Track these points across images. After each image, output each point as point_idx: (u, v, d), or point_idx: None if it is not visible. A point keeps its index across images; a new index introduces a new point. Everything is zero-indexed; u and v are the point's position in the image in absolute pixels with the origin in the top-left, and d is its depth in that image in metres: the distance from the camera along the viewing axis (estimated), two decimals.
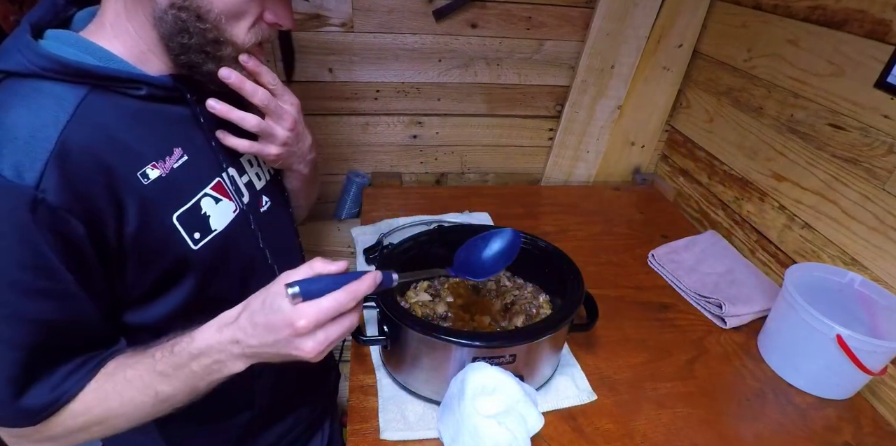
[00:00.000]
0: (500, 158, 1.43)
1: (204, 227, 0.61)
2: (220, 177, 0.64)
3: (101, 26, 0.57)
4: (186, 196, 0.60)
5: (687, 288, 1.01)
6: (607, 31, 1.22)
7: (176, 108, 0.60)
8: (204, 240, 0.61)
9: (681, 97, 1.37)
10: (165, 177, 0.57)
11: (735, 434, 0.75)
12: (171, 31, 0.54)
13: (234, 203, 0.66)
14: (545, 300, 0.86)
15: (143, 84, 0.56)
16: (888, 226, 0.84)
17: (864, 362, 0.75)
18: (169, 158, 0.58)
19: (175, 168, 0.58)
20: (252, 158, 0.72)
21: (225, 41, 0.56)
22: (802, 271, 0.87)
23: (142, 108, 0.57)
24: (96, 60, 0.54)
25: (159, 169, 0.57)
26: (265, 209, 0.71)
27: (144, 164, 0.55)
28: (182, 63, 0.57)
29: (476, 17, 1.20)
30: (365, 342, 0.74)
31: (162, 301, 0.61)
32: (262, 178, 0.73)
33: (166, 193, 0.57)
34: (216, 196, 0.63)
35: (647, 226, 1.25)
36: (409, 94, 1.28)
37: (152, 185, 0.56)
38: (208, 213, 0.62)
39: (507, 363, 0.69)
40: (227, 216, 0.64)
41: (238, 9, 0.55)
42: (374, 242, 1.04)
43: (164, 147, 0.58)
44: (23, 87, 0.51)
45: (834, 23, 0.92)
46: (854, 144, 0.89)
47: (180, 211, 0.59)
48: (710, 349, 0.90)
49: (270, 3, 0.58)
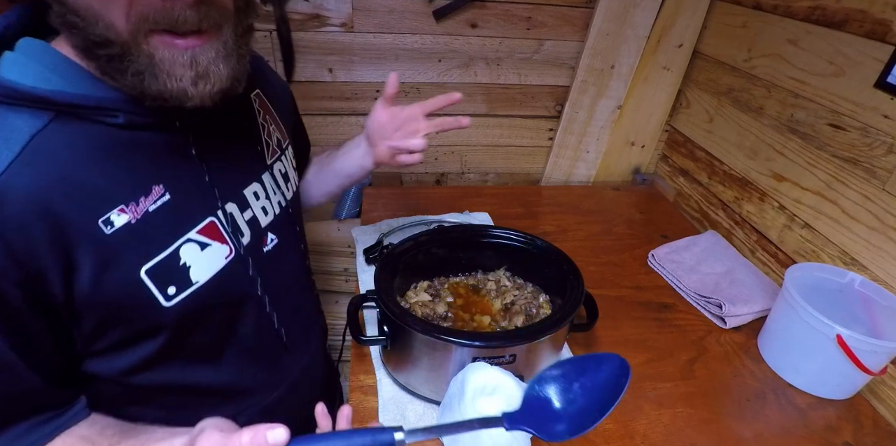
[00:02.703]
0: (500, 158, 1.43)
1: (181, 280, 0.52)
2: (213, 217, 0.55)
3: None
4: (161, 245, 0.51)
5: (687, 288, 1.01)
6: (607, 31, 1.22)
7: (161, 137, 0.51)
8: (180, 295, 0.52)
9: (681, 97, 1.37)
10: (135, 223, 0.48)
11: (735, 434, 0.75)
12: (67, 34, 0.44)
13: (227, 246, 0.56)
14: (545, 300, 0.86)
15: (117, 111, 0.46)
16: (888, 226, 0.84)
17: (864, 362, 0.75)
18: (144, 199, 0.49)
19: (150, 211, 0.49)
20: (259, 190, 0.62)
21: (104, 39, 0.42)
22: (802, 271, 0.87)
23: (117, 137, 0.48)
24: (63, 82, 0.45)
25: (128, 213, 0.48)
26: (269, 248, 0.62)
27: (110, 209, 0.47)
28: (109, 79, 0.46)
29: (476, 17, 1.20)
30: (365, 342, 0.74)
31: (128, 353, 0.53)
32: (269, 213, 0.63)
33: (134, 243, 0.48)
34: (203, 241, 0.54)
35: (647, 226, 1.25)
36: (409, 94, 1.28)
37: (117, 234, 0.47)
38: (188, 264, 0.52)
39: (507, 363, 0.69)
40: (215, 263, 0.55)
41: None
42: (374, 242, 1.04)
43: (141, 184, 0.49)
44: None
45: (834, 23, 0.92)
46: (854, 144, 0.89)
47: (151, 264, 0.50)
48: (710, 349, 0.90)
49: None
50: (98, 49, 0.43)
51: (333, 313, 1.57)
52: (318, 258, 1.48)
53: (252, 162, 0.63)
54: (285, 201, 0.67)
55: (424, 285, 0.88)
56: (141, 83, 0.44)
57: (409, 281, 0.87)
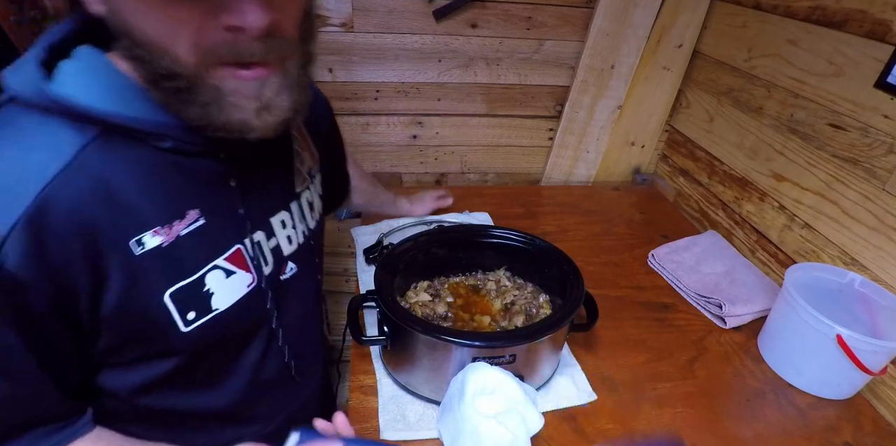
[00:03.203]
0: (500, 158, 1.43)
1: (202, 306, 0.52)
2: (240, 244, 0.55)
3: None
4: (189, 270, 0.51)
5: (687, 288, 1.01)
6: (607, 31, 1.22)
7: (203, 163, 0.51)
8: (199, 321, 0.52)
9: (681, 97, 1.37)
10: (166, 246, 0.48)
11: (735, 434, 0.75)
12: (134, 65, 0.44)
13: (251, 274, 0.56)
14: (545, 300, 0.86)
15: (167, 137, 0.47)
16: (888, 226, 0.84)
17: (864, 362, 0.75)
18: (178, 222, 0.49)
19: (182, 235, 0.50)
20: (287, 219, 0.62)
21: (171, 72, 0.42)
22: (802, 271, 0.87)
23: (160, 160, 0.48)
24: (118, 99, 0.45)
25: (161, 235, 0.48)
26: (287, 276, 0.63)
27: (144, 230, 0.47)
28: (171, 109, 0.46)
29: (476, 17, 1.20)
30: (365, 342, 0.74)
31: (139, 371, 0.54)
32: (293, 242, 0.63)
33: (162, 266, 0.49)
34: (229, 268, 0.54)
35: (647, 226, 1.25)
36: (409, 94, 1.28)
37: (147, 255, 0.47)
38: (212, 290, 0.53)
39: (507, 363, 0.69)
40: (237, 292, 0.55)
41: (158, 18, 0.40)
42: (374, 242, 1.04)
43: (177, 208, 0.49)
44: (21, 118, 0.43)
45: (834, 23, 0.92)
46: (854, 144, 0.89)
47: (176, 287, 0.50)
48: (710, 349, 0.90)
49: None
50: (164, 81, 0.43)
51: (333, 313, 1.58)
52: None
53: (282, 191, 0.63)
54: (309, 231, 0.67)
55: (424, 285, 0.88)
56: (207, 114, 0.44)
57: (409, 281, 0.87)
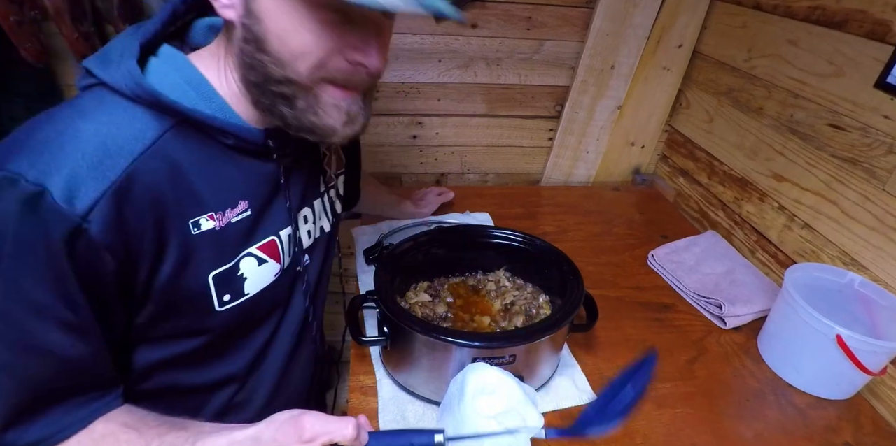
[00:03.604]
0: (500, 158, 1.43)
1: (237, 290, 0.58)
2: (275, 236, 0.61)
3: (212, 57, 0.54)
4: (230, 255, 0.56)
5: (687, 288, 1.01)
6: (607, 31, 1.22)
7: (258, 162, 0.57)
8: (232, 303, 0.58)
9: (681, 97, 1.37)
10: (218, 231, 0.54)
11: (735, 434, 0.75)
12: (245, 68, 0.51)
13: (279, 264, 0.62)
14: (545, 300, 0.86)
15: (231, 135, 0.53)
16: (888, 227, 0.84)
17: (864, 362, 0.75)
18: (230, 211, 0.55)
19: (232, 222, 0.55)
20: (310, 214, 0.68)
21: (286, 79, 0.49)
22: (802, 271, 0.87)
23: (222, 153, 0.54)
24: (198, 97, 0.52)
25: (215, 221, 0.54)
26: (301, 268, 0.68)
27: (202, 213, 0.53)
28: (261, 106, 0.53)
29: (476, 17, 1.20)
30: (365, 342, 0.74)
31: (167, 347, 0.58)
32: (311, 236, 0.69)
33: (212, 249, 0.54)
34: (261, 256, 0.60)
35: (647, 227, 1.25)
36: (409, 94, 1.28)
37: (201, 237, 0.53)
38: (245, 276, 0.58)
39: (507, 363, 0.69)
40: (265, 279, 0.61)
41: (300, 41, 0.48)
42: (374, 243, 1.04)
43: (231, 197, 0.55)
44: (112, 100, 0.48)
45: (834, 23, 0.92)
46: (854, 144, 0.89)
47: (219, 270, 0.55)
48: (710, 349, 0.90)
49: (355, 39, 0.49)
50: (274, 86, 0.50)
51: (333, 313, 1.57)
52: None
53: (312, 188, 0.68)
54: (329, 227, 0.73)
55: (424, 285, 0.88)
56: (300, 118, 0.52)
57: (409, 281, 0.87)
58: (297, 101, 0.51)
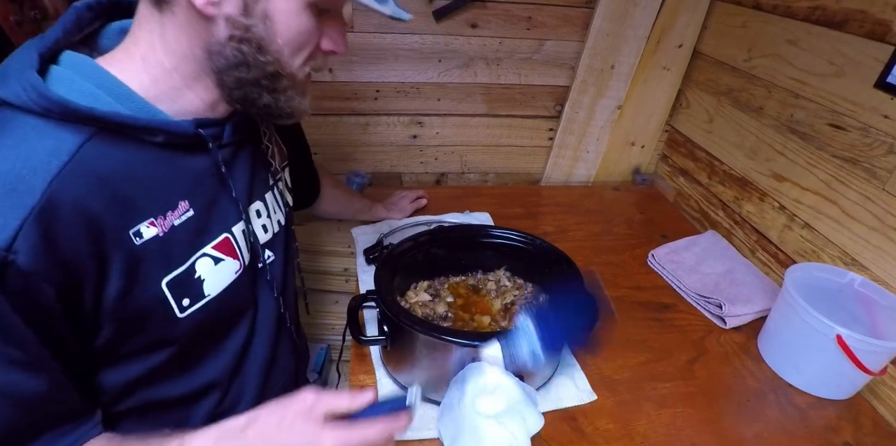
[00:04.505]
0: (500, 158, 1.43)
1: (196, 293, 0.56)
2: (228, 233, 0.59)
3: (130, 57, 0.51)
4: (181, 258, 0.54)
5: (687, 288, 1.01)
6: (607, 31, 1.22)
7: (193, 157, 0.55)
8: (193, 306, 0.56)
9: (681, 97, 1.37)
10: (162, 236, 0.51)
11: (735, 434, 0.75)
12: (228, 64, 0.50)
13: (238, 261, 0.61)
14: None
15: (159, 132, 0.50)
16: (888, 226, 0.84)
17: (864, 362, 0.75)
18: (171, 213, 0.53)
19: (175, 225, 0.53)
20: (262, 208, 0.66)
21: (283, 74, 0.52)
22: (802, 271, 0.87)
23: (152, 155, 0.51)
24: (112, 99, 0.48)
25: (157, 227, 0.51)
26: (266, 264, 0.67)
27: (141, 221, 0.50)
28: (236, 98, 0.53)
29: (476, 17, 1.20)
30: (365, 342, 0.74)
31: (132, 366, 0.55)
32: (268, 231, 0.67)
33: (159, 255, 0.51)
34: (217, 256, 0.58)
35: (647, 226, 1.25)
36: (409, 94, 1.28)
37: (145, 246, 0.50)
38: (203, 277, 0.56)
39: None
40: (226, 278, 0.59)
41: (301, 39, 0.51)
42: (374, 242, 1.04)
43: (169, 200, 0.53)
44: (16, 121, 0.45)
45: (834, 23, 0.92)
46: (854, 144, 0.89)
47: (171, 276, 0.53)
48: (710, 349, 0.90)
49: (328, 29, 0.53)
50: (266, 80, 0.52)
51: (333, 313, 1.58)
52: (318, 258, 1.48)
53: (259, 182, 0.66)
54: (283, 220, 0.71)
55: (424, 285, 0.88)
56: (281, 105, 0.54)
57: (409, 281, 0.87)
58: (285, 93, 0.54)
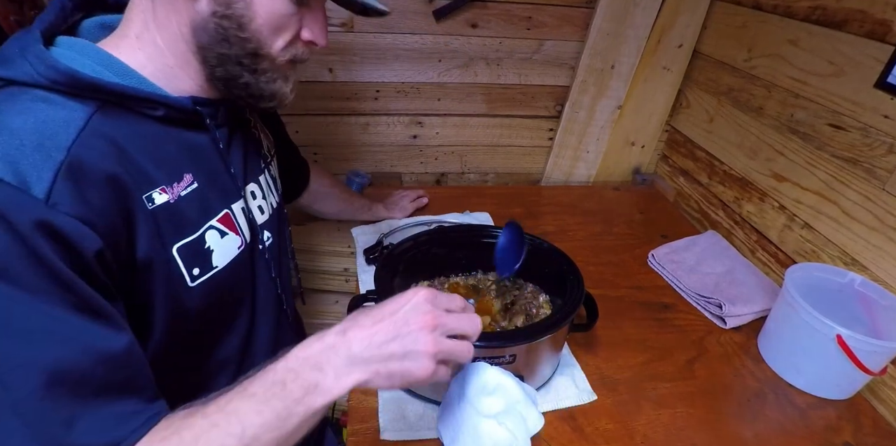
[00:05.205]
0: (500, 158, 1.43)
1: (205, 263, 0.57)
2: (228, 209, 0.61)
3: (124, 37, 0.53)
4: (191, 227, 0.56)
5: (687, 288, 1.01)
6: (607, 31, 1.22)
7: (192, 133, 0.57)
8: (203, 276, 0.57)
9: (681, 97, 1.37)
10: (172, 204, 0.53)
11: (735, 434, 0.75)
12: (211, 40, 0.52)
13: (240, 238, 0.62)
14: (545, 300, 0.86)
15: (160, 105, 0.53)
16: (888, 226, 0.84)
17: (864, 362, 0.75)
18: (178, 184, 0.54)
19: (182, 195, 0.55)
20: (257, 190, 0.68)
21: (263, 55, 0.55)
22: (802, 271, 0.87)
23: (155, 129, 0.53)
24: (113, 75, 0.51)
25: (167, 194, 0.53)
26: (266, 245, 0.68)
27: (153, 188, 0.52)
28: (219, 76, 0.55)
29: (476, 17, 1.20)
30: None
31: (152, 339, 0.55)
32: (264, 212, 0.69)
33: (171, 221, 0.53)
34: (222, 229, 0.59)
35: (647, 226, 1.25)
36: (409, 94, 1.28)
37: (157, 211, 0.52)
38: (212, 248, 0.58)
39: (507, 363, 0.69)
40: (231, 252, 0.61)
41: (279, 22, 0.54)
42: (374, 242, 1.04)
43: (175, 171, 0.55)
44: (26, 96, 0.46)
45: (834, 23, 0.92)
46: (854, 144, 0.89)
47: (182, 242, 0.54)
48: (710, 349, 0.90)
49: (308, 21, 0.57)
50: (246, 59, 0.54)
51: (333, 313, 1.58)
52: (318, 258, 1.48)
53: (254, 164, 0.69)
54: (276, 203, 0.73)
55: (424, 285, 0.88)
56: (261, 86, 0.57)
57: (409, 281, 0.87)
58: (265, 74, 0.56)
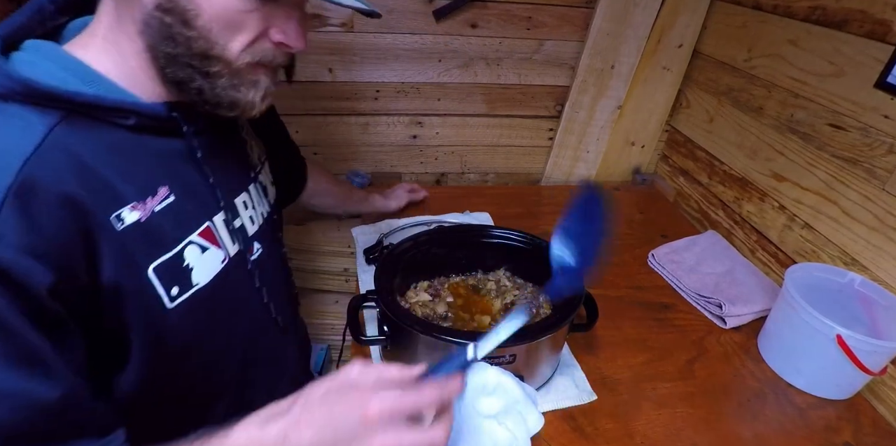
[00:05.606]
0: (500, 158, 1.43)
1: (184, 281, 0.53)
2: (210, 222, 0.57)
3: (92, 37, 0.49)
4: (167, 245, 0.52)
5: (687, 288, 1.01)
6: (607, 31, 1.22)
7: (167, 141, 0.53)
8: (183, 295, 0.53)
9: (681, 97, 1.37)
10: (144, 221, 0.49)
11: (735, 434, 0.75)
12: (156, 38, 0.47)
13: (223, 251, 0.58)
14: (545, 300, 0.86)
15: (130, 113, 0.48)
16: (888, 226, 0.84)
17: (864, 362, 0.75)
18: (151, 199, 0.50)
19: (156, 211, 0.50)
20: (248, 200, 0.64)
21: (214, 56, 0.48)
22: (802, 271, 0.87)
23: (126, 139, 0.49)
24: (79, 81, 0.47)
25: (139, 210, 0.49)
26: (255, 256, 0.64)
27: (122, 205, 0.47)
28: (170, 78, 0.49)
29: (476, 17, 1.20)
30: (365, 342, 0.74)
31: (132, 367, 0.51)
32: (255, 222, 0.65)
33: (144, 240, 0.49)
34: (203, 244, 0.55)
35: (647, 226, 1.25)
36: (409, 93, 1.28)
37: (128, 230, 0.47)
38: (191, 265, 0.54)
39: (507, 363, 0.69)
40: (213, 267, 0.57)
41: (231, 19, 0.47)
42: (374, 242, 1.04)
43: (148, 185, 0.50)
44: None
45: (834, 23, 0.92)
46: (854, 144, 0.89)
47: (158, 262, 0.50)
48: (710, 349, 0.90)
49: (279, 19, 0.50)
50: (196, 61, 0.48)
51: (333, 313, 1.58)
52: (318, 258, 1.48)
53: (241, 173, 0.66)
54: (268, 212, 0.70)
55: (424, 285, 0.88)
56: (218, 93, 0.50)
57: (409, 281, 0.87)
58: (220, 79, 0.50)
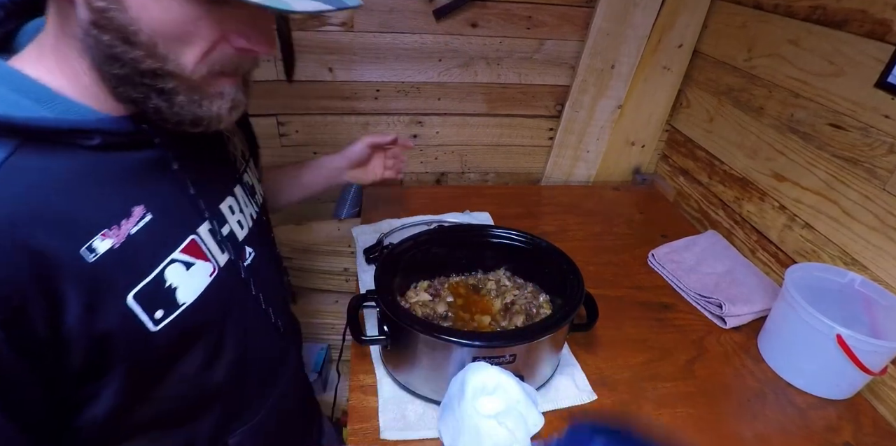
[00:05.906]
0: (500, 158, 1.43)
1: (169, 303, 0.50)
2: (194, 235, 0.53)
3: (41, 50, 0.45)
4: (146, 268, 0.48)
5: (687, 288, 1.01)
6: (607, 30, 1.22)
7: (138, 154, 0.49)
8: (168, 318, 0.49)
9: (681, 97, 1.37)
10: (119, 247, 0.45)
11: (735, 434, 0.75)
12: (99, 58, 0.43)
13: (210, 263, 0.54)
14: (545, 300, 0.86)
15: (93, 133, 0.44)
16: (888, 226, 0.83)
17: (864, 362, 0.75)
18: (126, 221, 0.46)
19: (133, 233, 0.47)
20: (234, 204, 0.61)
21: (166, 73, 0.43)
22: (802, 271, 0.87)
23: (91, 160, 0.45)
24: (32, 103, 0.43)
25: (111, 238, 0.45)
26: (249, 262, 0.61)
27: (91, 236, 0.44)
28: (123, 98, 0.45)
29: (476, 17, 1.20)
30: (365, 342, 0.74)
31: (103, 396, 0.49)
32: (244, 226, 0.62)
33: (120, 269, 0.46)
34: (187, 260, 0.52)
35: (647, 226, 1.25)
36: (409, 93, 1.28)
37: (101, 261, 0.44)
38: (175, 285, 0.50)
39: (507, 363, 0.69)
40: (200, 283, 0.53)
41: (177, 30, 0.41)
42: (374, 242, 1.04)
43: (121, 207, 0.47)
44: None
45: (834, 23, 0.92)
46: (854, 144, 0.89)
47: (137, 288, 0.47)
48: (710, 349, 0.90)
49: (236, 23, 0.44)
50: (147, 79, 0.43)
51: (333, 313, 1.58)
52: (318, 258, 1.48)
53: (224, 176, 0.62)
54: (256, 213, 0.67)
55: (424, 285, 0.88)
56: (178, 111, 0.46)
57: (409, 281, 0.87)
58: (177, 96, 0.45)
